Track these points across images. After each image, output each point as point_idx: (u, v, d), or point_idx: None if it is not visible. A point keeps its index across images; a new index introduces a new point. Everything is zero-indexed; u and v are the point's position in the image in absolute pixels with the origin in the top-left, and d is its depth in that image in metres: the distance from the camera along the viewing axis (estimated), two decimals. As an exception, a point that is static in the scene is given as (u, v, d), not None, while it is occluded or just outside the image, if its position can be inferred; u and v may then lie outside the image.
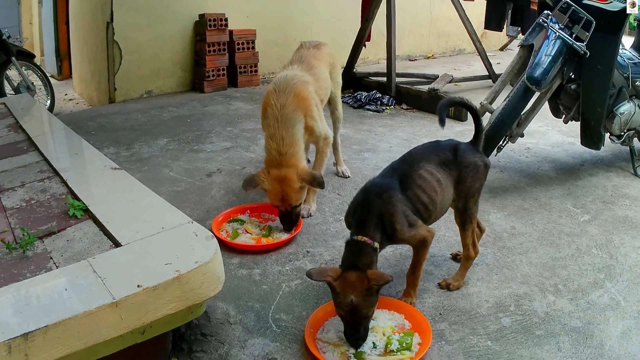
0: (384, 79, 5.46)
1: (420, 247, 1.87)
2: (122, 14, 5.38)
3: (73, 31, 7.07)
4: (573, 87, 2.96)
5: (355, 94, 5.44)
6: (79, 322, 1.34)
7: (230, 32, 5.93)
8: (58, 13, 7.80)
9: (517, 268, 2.24)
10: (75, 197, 2.10)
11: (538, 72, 2.62)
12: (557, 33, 2.65)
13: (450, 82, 5.73)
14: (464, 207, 1.98)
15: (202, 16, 5.80)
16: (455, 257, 2.30)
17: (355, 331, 1.65)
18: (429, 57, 8.77)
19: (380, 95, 5.30)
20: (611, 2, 2.66)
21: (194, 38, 5.95)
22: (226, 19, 5.82)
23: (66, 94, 7.13)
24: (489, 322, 1.87)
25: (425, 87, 5.16)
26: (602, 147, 3.21)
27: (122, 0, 5.35)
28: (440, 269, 2.23)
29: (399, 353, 1.63)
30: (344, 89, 5.75)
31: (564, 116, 3.19)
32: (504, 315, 1.92)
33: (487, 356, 1.70)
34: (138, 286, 1.43)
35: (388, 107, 5.19)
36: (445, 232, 2.54)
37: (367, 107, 5.18)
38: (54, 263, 1.65)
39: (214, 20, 5.73)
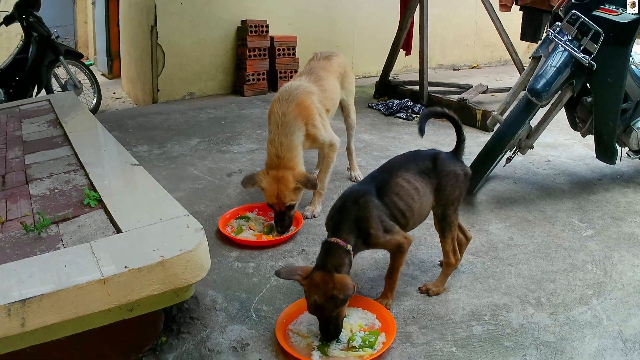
0: (418, 87, 5.52)
1: (397, 252, 1.96)
2: (166, 18, 5.73)
3: (122, 33, 7.56)
4: (589, 100, 2.94)
5: (387, 102, 5.55)
6: (70, 294, 1.54)
7: (272, 38, 6.17)
8: (110, 14, 8.32)
9: (504, 279, 2.28)
10: (93, 189, 2.34)
11: (539, 84, 2.63)
12: (564, 45, 2.65)
13: (484, 92, 5.71)
14: (443, 215, 2.06)
15: (243, 22, 6.08)
16: (442, 265, 2.37)
17: (324, 328, 1.77)
18: (473, 67, 8.72)
19: (411, 103, 5.39)
20: (621, 13, 2.63)
21: (236, 43, 6.23)
22: (267, 26, 6.07)
23: (114, 93, 7.60)
24: (460, 329, 1.93)
25: (457, 97, 5.19)
26: (616, 161, 3.16)
27: (166, 6, 5.69)
28: (425, 275, 2.31)
29: (360, 349, 1.73)
30: (379, 97, 5.92)
31: (580, 129, 3.17)
32: (476, 323, 1.97)
33: (448, 361, 1.77)
34: (125, 267, 1.62)
35: (418, 116, 5.25)
36: (437, 239, 2.60)
37: (397, 114, 5.27)
38: (63, 244, 1.87)
39: (255, 26, 5.99)
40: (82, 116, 3.76)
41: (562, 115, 3.31)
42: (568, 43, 2.68)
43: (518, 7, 5.59)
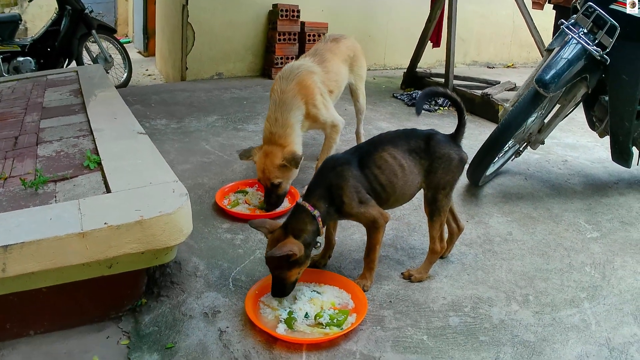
0: (443, 80, 5.44)
1: (372, 228, 1.95)
2: (197, -3, 5.79)
3: (158, 11, 7.71)
4: (606, 98, 2.83)
5: (411, 93, 5.53)
6: (50, 244, 1.61)
7: (302, 23, 6.19)
8: (148, -7, 8.49)
9: (493, 272, 2.24)
10: (96, 152, 2.42)
11: (548, 75, 2.52)
12: (576, 37, 2.56)
13: (511, 89, 5.58)
14: (433, 198, 2.02)
15: (275, 6, 6.12)
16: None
17: (272, 284, 1.83)
18: (508, 67, 8.52)
19: None
20: None
21: (267, 26, 6.27)
22: (299, 11, 6.09)
23: (147, 70, 7.79)
24: (435, 319, 1.90)
25: (481, 92, 5.08)
26: (633, 165, 3.04)
27: (197, -15, 5.76)
28: (412, 261, 2.28)
29: (327, 327, 1.74)
30: (406, 87, 5.86)
31: (597, 129, 3.06)
32: (454, 314, 1.93)
33: (416, 349, 1.74)
34: (105, 223, 1.68)
35: (441, 108, 5.18)
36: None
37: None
38: (55, 200, 1.95)
39: (286, 10, 6.03)
40: (104, 88, 3.87)
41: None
42: (581, 36, 2.58)
43: (551, 5, 5.43)
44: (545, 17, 6.00)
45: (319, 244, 1.96)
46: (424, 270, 2.12)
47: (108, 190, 1.99)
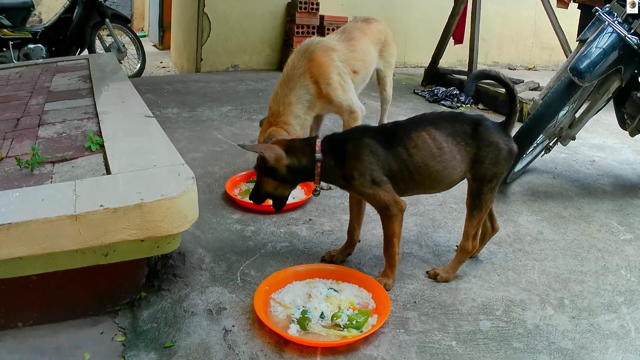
0: (466, 77, 5.25)
1: (384, 215, 1.79)
2: (214, -14, 5.63)
3: (174, 2, 7.58)
4: (639, 94, 2.63)
5: (433, 89, 5.34)
6: (39, 227, 1.45)
7: (322, 17, 5.99)
8: (164, -14, 8.38)
9: (525, 273, 2.04)
10: (99, 134, 2.26)
11: (583, 64, 2.35)
12: (613, 24, 2.36)
13: (534, 89, 5.38)
14: (478, 191, 1.83)
15: (294, -3, 5.92)
16: (461, 252, 2.15)
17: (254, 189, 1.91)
18: (530, 69, 8.31)
19: (457, 92, 5.15)
20: None
21: (285, 18, 6.08)
22: (318, 4, 5.90)
23: (161, 62, 7.67)
24: (465, 322, 1.72)
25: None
26: None
27: (214, -26, 5.60)
28: (438, 259, 2.09)
29: (345, 329, 1.56)
30: (427, 84, 5.66)
31: (629, 127, 2.85)
32: (485, 318, 1.75)
33: (444, 356, 1.56)
34: (100, 206, 1.51)
35: (464, 105, 5.00)
36: (461, 225, 2.35)
37: (442, 102, 5.05)
38: (51, 182, 1.79)
39: (305, 3, 5.83)
40: (115, 75, 3.73)
41: (612, 119, 3.02)
42: (617, 24, 2.39)
43: (576, 4, 5.21)
44: (567, 20, 5.79)
45: (317, 192, 1.93)
46: (451, 269, 1.93)
47: (108, 173, 1.83)
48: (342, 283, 1.78)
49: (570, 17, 5.86)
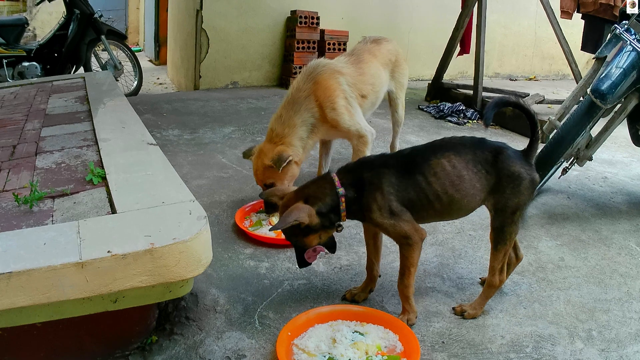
0: (472, 92, 5.18)
1: (404, 245, 1.70)
2: (212, 2, 5.54)
3: (170, 18, 7.48)
4: None
5: (439, 105, 5.24)
6: (42, 275, 1.34)
7: (322, 31, 5.91)
8: (160, 0, 8.28)
9: (551, 305, 1.95)
10: (101, 165, 2.15)
11: (605, 85, 2.29)
12: (632, 44, 2.31)
13: (540, 102, 5.31)
14: (501, 225, 1.74)
15: (293, 12, 5.84)
16: (484, 283, 2.05)
17: (296, 254, 1.78)
18: (530, 79, 8.31)
19: (464, 107, 5.06)
20: None
21: (284, 34, 5.99)
22: (318, 18, 5.81)
23: (158, 78, 7.56)
24: (496, 361, 1.63)
25: (511, 105, 4.80)
26: None
27: (212, -11, 5.52)
28: (462, 293, 2.00)
29: (375, 377, 1.45)
30: (431, 99, 5.58)
31: (644, 145, 2.79)
32: (516, 356, 1.66)
33: (479, 399, 1.47)
34: (108, 252, 1.40)
35: (470, 121, 4.90)
36: (483, 254, 2.30)
37: (448, 118, 4.94)
38: (52, 220, 1.68)
39: (305, 17, 5.74)
40: (112, 95, 3.63)
41: (618, 131, 2.99)
42: (637, 42, 2.33)
43: (580, 15, 5.17)
44: (568, 29, 5.76)
45: (341, 227, 1.77)
46: (478, 305, 1.84)
47: (113, 210, 1.71)
48: (366, 325, 1.68)
49: (571, 26, 5.83)
